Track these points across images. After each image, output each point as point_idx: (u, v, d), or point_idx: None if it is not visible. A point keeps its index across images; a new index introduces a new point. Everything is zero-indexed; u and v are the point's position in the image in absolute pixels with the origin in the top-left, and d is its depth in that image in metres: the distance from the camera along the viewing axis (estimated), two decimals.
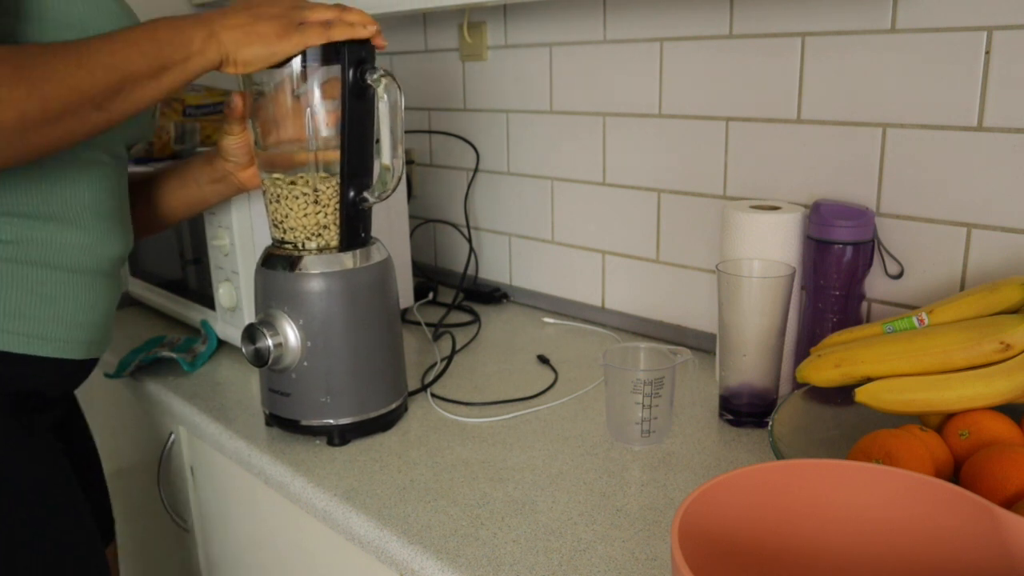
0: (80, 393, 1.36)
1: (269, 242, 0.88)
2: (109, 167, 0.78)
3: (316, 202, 0.82)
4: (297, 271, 0.82)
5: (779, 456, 0.69)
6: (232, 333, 1.10)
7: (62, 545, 0.74)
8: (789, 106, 0.95)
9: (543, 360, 1.08)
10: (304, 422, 0.85)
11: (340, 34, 0.76)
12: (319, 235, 0.83)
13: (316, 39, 0.74)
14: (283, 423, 0.86)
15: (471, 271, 1.40)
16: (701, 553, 0.47)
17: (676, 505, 0.73)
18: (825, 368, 0.76)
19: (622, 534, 0.68)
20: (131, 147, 0.85)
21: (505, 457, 0.82)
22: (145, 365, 1.08)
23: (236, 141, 0.88)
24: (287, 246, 0.84)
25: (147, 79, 0.66)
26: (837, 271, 0.87)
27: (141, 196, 0.93)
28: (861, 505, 0.51)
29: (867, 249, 0.88)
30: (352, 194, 0.82)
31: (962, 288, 0.86)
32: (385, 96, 0.78)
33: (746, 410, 0.87)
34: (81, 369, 0.80)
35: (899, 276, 0.90)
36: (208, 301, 1.14)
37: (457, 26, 1.33)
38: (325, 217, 0.83)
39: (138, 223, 0.93)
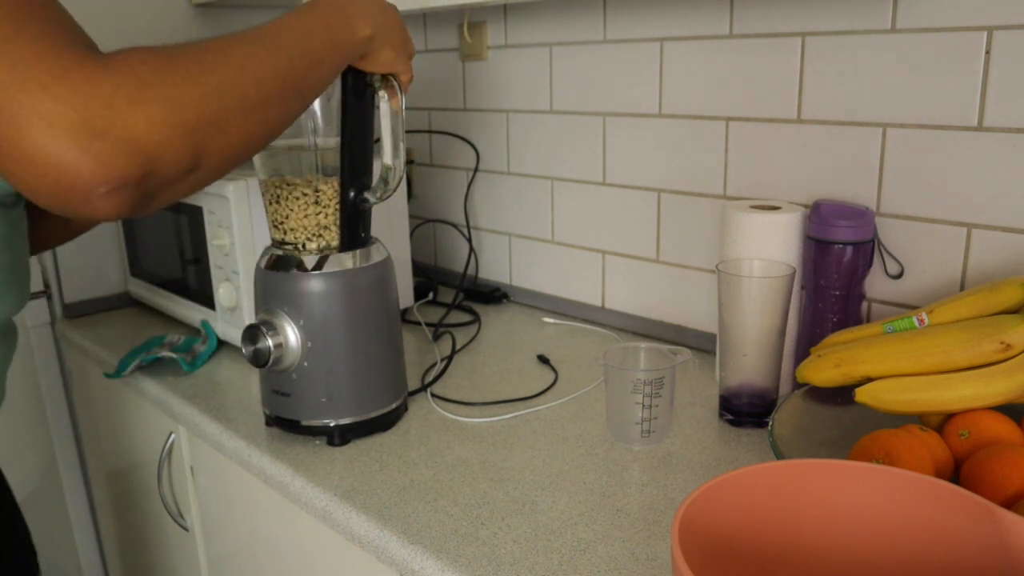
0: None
1: (269, 242, 0.88)
2: (1, 218, 0.70)
3: (317, 203, 0.82)
4: (297, 271, 0.82)
5: (779, 456, 0.69)
6: (232, 333, 1.10)
7: None
8: (789, 106, 0.95)
9: (543, 360, 1.08)
10: (304, 422, 0.85)
11: (407, 86, 0.81)
12: (319, 235, 0.83)
13: (408, 76, 0.79)
14: (283, 423, 0.86)
15: (471, 271, 1.40)
16: (701, 553, 0.47)
17: (676, 505, 0.73)
18: (825, 368, 0.76)
19: (622, 534, 0.68)
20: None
21: (505, 457, 0.82)
22: (145, 365, 1.08)
23: None
24: (287, 246, 0.84)
25: (328, 66, 0.67)
26: (837, 271, 0.87)
27: None
28: (861, 505, 0.51)
29: (867, 249, 0.88)
30: (352, 194, 0.82)
31: (962, 288, 0.86)
32: (385, 95, 0.78)
33: (746, 410, 0.87)
34: None
35: (899, 276, 0.90)
36: (208, 301, 1.14)
37: (457, 26, 1.33)
38: (326, 218, 0.83)
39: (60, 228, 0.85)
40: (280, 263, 0.83)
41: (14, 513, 0.87)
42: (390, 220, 1.21)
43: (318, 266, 0.82)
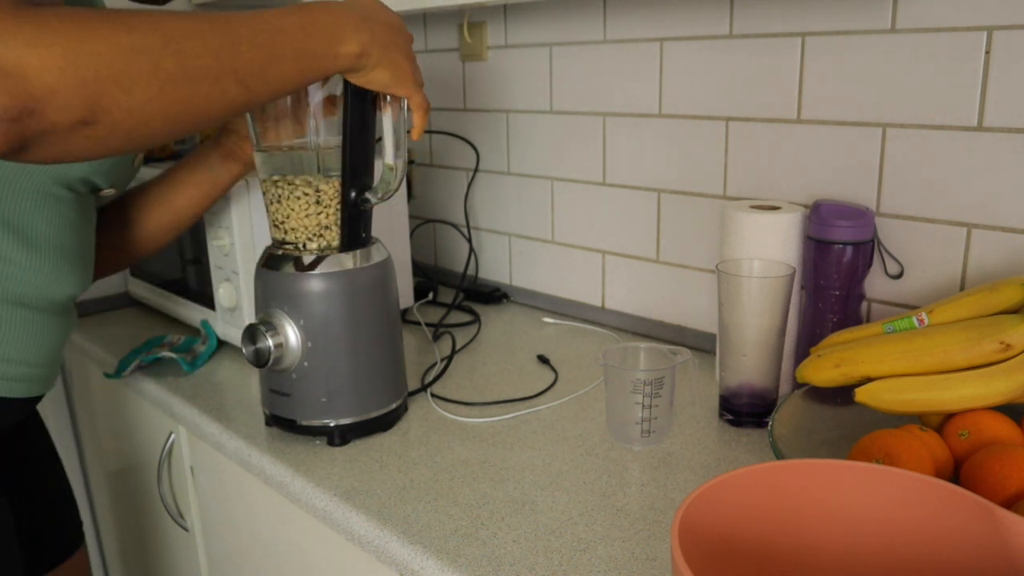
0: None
1: (269, 242, 0.88)
2: (70, 204, 0.76)
3: (317, 203, 0.82)
4: (298, 271, 0.82)
5: (779, 456, 0.69)
6: (232, 333, 1.10)
7: None
8: (789, 106, 0.95)
9: (543, 360, 1.08)
10: (304, 422, 0.85)
11: (421, 118, 0.78)
12: (320, 236, 0.83)
13: (418, 102, 0.76)
14: (283, 423, 0.86)
15: (471, 271, 1.40)
16: (701, 553, 0.47)
17: (676, 505, 0.73)
18: (825, 368, 0.76)
19: (622, 534, 0.68)
20: (100, 191, 0.82)
21: (505, 457, 0.82)
22: (145, 365, 1.08)
23: None
24: (288, 246, 0.84)
25: (291, 67, 0.64)
26: (837, 271, 0.87)
27: (154, 198, 0.92)
28: (861, 505, 0.51)
29: (867, 249, 0.88)
30: (353, 195, 0.82)
31: (962, 288, 0.86)
32: (387, 96, 0.78)
33: (746, 410, 0.87)
34: (21, 408, 0.77)
35: (899, 276, 0.90)
36: (208, 301, 1.14)
37: (457, 26, 1.33)
38: (327, 218, 0.83)
39: (155, 227, 0.92)
40: (280, 263, 0.83)
41: (63, 476, 0.94)
42: (390, 220, 1.21)
43: (318, 266, 0.82)
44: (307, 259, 0.82)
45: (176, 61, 0.55)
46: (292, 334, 0.82)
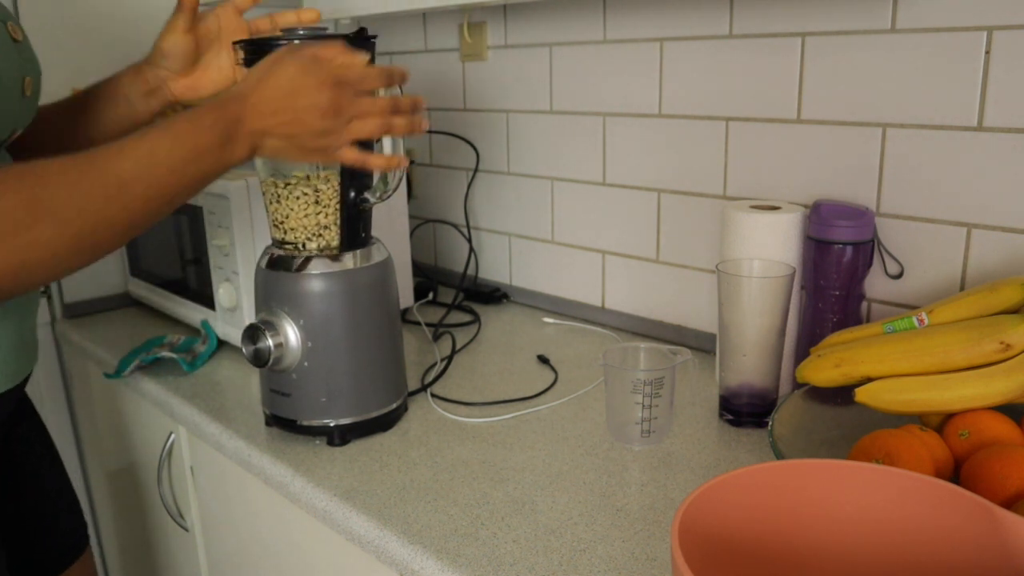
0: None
1: (269, 242, 0.88)
2: None
3: (317, 202, 0.82)
4: (298, 271, 0.82)
5: (779, 456, 0.69)
6: (232, 333, 1.10)
7: None
8: (789, 106, 0.95)
9: (543, 360, 1.08)
10: (304, 422, 0.85)
11: (375, 161, 0.74)
12: (320, 235, 0.83)
13: (351, 159, 0.73)
14: (283, 423, 0.86)
15: (471, 271, 1.40)
16: (701, 553, 0.47)
17: (676, 505, 0.73)
18: (825, 368, 0.76)
19: (622, 534, 0.68)
20: (6, 140, 0.76)
21: (505, 457, 0.82)
22: (145, 365, 1.08)
23: (178, 41, 0.81)
24: (288, 246, 0.84)
25: (182, 197, 0.65)
26: (837, 271, 0.87)
27: (66, 123, 0.85)
28: (861, 505, 0.51)
29: (867, 249, 0.88)
30: (352, 194, 0.82)
31: (962, 288, 0.86)
32: (384, 94, 0.78)
33: (746, 410, 0.87)
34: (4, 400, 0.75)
35: (899, 276, 0.90)
36: (208, 301, 1.14)
37: (457, 26, 1.33)
38: (326, 218, 0.83)
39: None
40: (280, 263, 0.83)
41: (66, 480, 0.93)
42: (390, 220, 1.21)
43: (318, 266, 0.82)
44: (307, 259, 0.82)
45: (71, 243, 0.58)
46: (292, 334, 0.82)
